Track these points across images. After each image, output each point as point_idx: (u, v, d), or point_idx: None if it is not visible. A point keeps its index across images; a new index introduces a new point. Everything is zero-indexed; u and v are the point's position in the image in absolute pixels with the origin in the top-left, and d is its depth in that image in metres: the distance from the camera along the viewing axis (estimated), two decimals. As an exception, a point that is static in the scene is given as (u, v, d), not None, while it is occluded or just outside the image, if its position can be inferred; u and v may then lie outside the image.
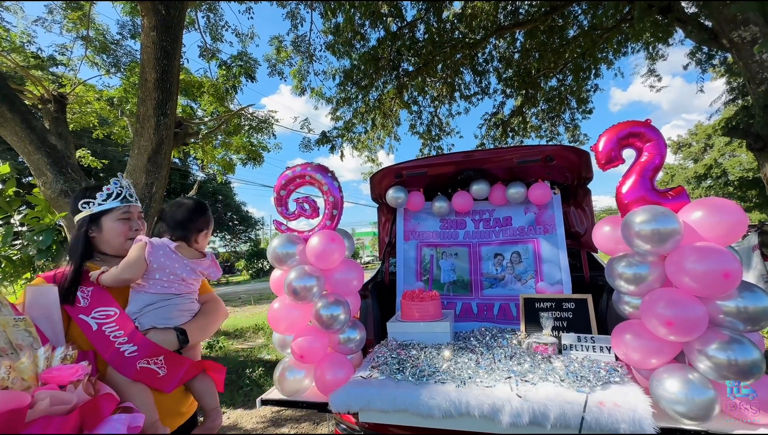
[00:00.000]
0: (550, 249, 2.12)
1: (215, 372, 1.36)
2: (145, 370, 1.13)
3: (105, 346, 1.12)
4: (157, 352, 1.17)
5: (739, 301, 1.15)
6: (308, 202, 1.71)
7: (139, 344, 1.14)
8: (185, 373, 1.23)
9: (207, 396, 1.36)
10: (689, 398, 1.13)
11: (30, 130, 4.09)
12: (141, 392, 1.14)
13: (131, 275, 1.23)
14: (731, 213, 1.18)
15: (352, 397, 1.39)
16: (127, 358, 1.12)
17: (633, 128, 1.39)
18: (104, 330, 1.14)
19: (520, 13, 8.27)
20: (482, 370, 1.42)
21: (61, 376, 0.89)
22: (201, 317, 1.36)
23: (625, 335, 1.34)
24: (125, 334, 1.15)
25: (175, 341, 1.23)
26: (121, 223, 1.31)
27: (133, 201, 1.36)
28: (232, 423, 3.42)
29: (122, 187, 1.34)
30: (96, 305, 1.17)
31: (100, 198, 1.29)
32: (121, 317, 1.18)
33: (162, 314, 1.25)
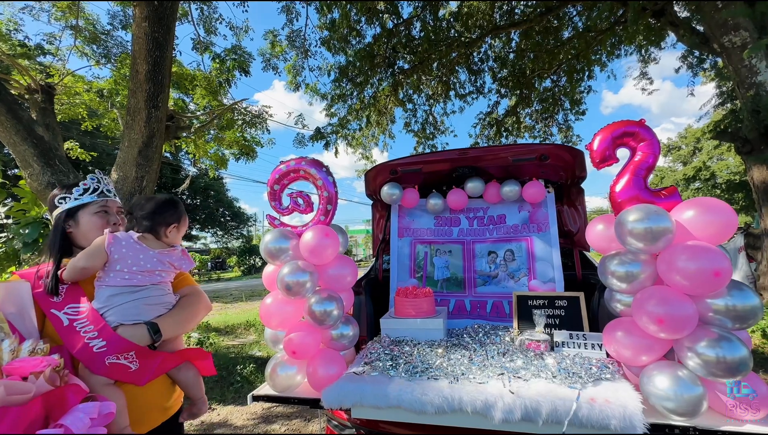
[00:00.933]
0: (544, 247, 2.13)
1: (200, 359, 1.33)
2: (114, 365, 1.11)
3: (74, 341, 1.11)
4: (127, 347, 1.14)
5: (728, 299, 1.17)
6: (302, 197, 1.69)
7: (108, 339, 1.12)
8: (159, 365, 1.20)
9: (192, 387, 1.35)
10: (678, 395, 1.14)
11: (16, 120, 4.00)
12: (112, 396, 1.10)
13: (86, 264, 1.19)
14: (722, 213, 1.19)
15: (345, 393, 1.39)
16: (96, 353, 1.10)
17: (627, 128, 1.40)
18: (75, 326, 1.13)
19: (516, 13, 8.31)
20: (475, 367, 1.42)
21: (23, 367, 0.88)
22: (177, 311, 1.32)
23: (616, 332, 1.35)
24: (95, 329, 1.13)
25: (146, 336, 1.18)
26: (98, 217, 1.31)
27: (111, 196, 1.36)
28: (223, 419, 3.40)
29: (99, 182, 1.34)
30: (69, 301, 1.17)
31: (77, 193, 1.29)
32: (91, 313, 1.16)
33: (130, 309, 1.21)
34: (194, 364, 1.34)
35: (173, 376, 1.32)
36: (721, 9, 5.10)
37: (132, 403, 1.17)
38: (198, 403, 1.37)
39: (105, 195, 1.33)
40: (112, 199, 1.36)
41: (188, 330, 1.43)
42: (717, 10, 5.20)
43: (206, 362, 1.35)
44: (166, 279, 1.34)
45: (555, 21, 8.12)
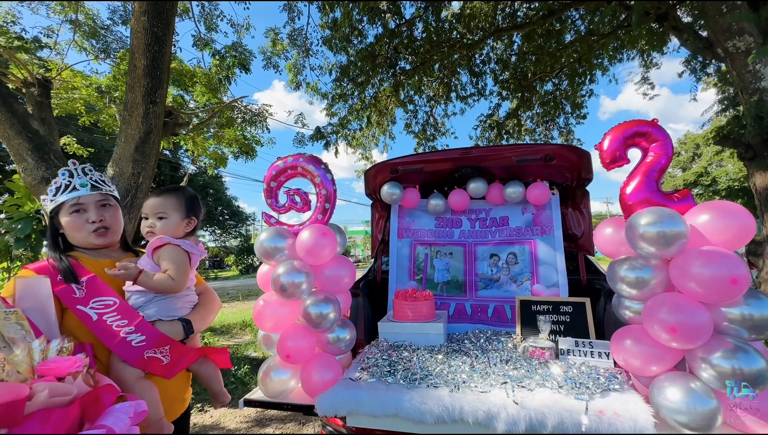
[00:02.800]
0: (547, 251, 2.07)
1: (217, 354, 1.36)
2: (151, 359, 1.14)
3: (110, 336, 1.11)
4: (165, 342, 1.18)
5: (744, 308, 1.11)
6: (299, 195, 1.63)
7: (147, 334, 1.15)
8: (185, 359, 1.23)
9: (212, 381, 1.36)
10: (691, 407, 1.08)
11: (11, 113, 3.94)
12: (147, 389, 1.14)
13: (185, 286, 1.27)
14: (739, 217, 1.14)
15: (340, 400, 1.33)
16: (135, 347, 1.12)
17: (639, 127, 1.35)
18: (105, 320, 1.12)
19: (518, 15, 8.29)
20: (477, 374, 1.36)
21: (59, 367, 0.85)
22: (201, 308, 1.37)
23: (625, 341, 1.30)
24: (130, 323, 1.14)
25: (181, 332, 1.24)
26: (74, 217, 1.21)
27: (85, 190, 1.23)
28: (215, 422, 3.32)
29: (72, 176, 1.24)
30: (93, 295, 1.13)
31: (51, 194, 1.23)
32: (121, 307, 1.16)
33: (168, 306, 1.25)
34: (212, 358, 1.36)
35: (194, 371, 1.34)
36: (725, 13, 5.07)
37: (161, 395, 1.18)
38: (219, 395, 1.39)
39: (76, 190, 1.22)
40: (86, 193, 1.23)
41: (207, 326, 1.45)
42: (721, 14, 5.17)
43: (223, 356, 1.38)
44: (193, 279, 1.38)
45: (557, 24, 8.09)
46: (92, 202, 1.24)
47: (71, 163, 1.27)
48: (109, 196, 1.31)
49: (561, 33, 8.36)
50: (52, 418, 0.77)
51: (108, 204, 1.29)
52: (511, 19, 8.35)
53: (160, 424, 1.15)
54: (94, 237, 1.23)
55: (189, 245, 1.31)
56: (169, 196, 1.34)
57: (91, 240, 1.23)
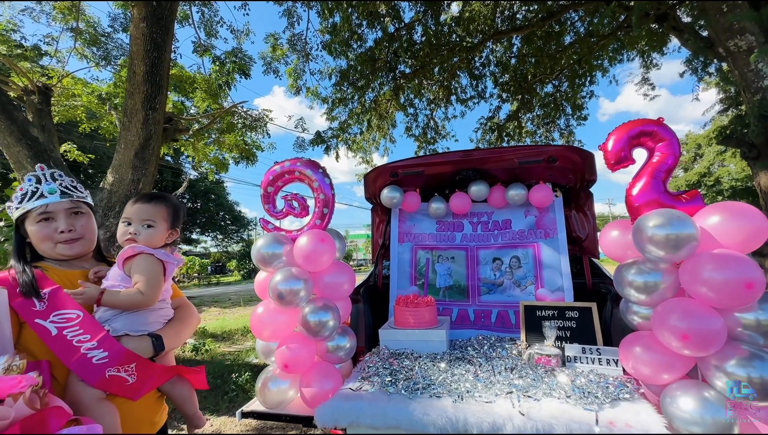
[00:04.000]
0: (551, 254, 2.03)
1: (193, 374, 1.26)
2: (114, 377, 1.04)
3: (68, 353, 1.01)
4: (130, 359, 1.07)
5: (759, 313, 1.06)
6: (297, 200, 1.60)
7: (110, 350, 1.05)
8: (154, 379, 1.13)
9: (186, 403, 1.26)
10: (705, 418, 1.04)
11: (10, 121, 3.94)
12: (107, 413, 1.03)
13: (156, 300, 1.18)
14: (752, 218, 1.09)
15: (340, 412, 1.28)
16: (96, 365, 1.02)
17: (645, 127, 1.31)
18: (66, 335, 1.03)
19: (518, 18, 8.29)
20: (481, 384, 1.32)
21: (0, 388, 0.77)
22: (176, 323, 1.27)
23: (634, 348, 1.25)
24: (93, 338, 1.05)
25: (150, 348, 1.14)
26: (41, 225, 1.13)
27: (54, 198, 1.14)
28: (215, 431, 3.27)
29: (39, 181, 1.15)
30: (54, 308, 1.04)
31: (16, 201, 1.14)
32: (85, 320, 1.06)
33: (137, 320, 1.15)
34: (186, 377, 1.27)
35: (167, 392, 1.25)
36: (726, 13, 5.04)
37: (123, 418, 1.08)
38: (193, 419, 1.29)
39: (45, 196, 1.13)
40: (55, 200, 1.14)
41: (182, 343, 1.36)
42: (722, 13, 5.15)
43: (199, 376, 1.28)
44: (168, 291, 1.30)
45: (557, 26, 8.09)
46: (62, 211, 1.16)
47: (38, 167, 1.18)
48: (81, 204, 1.22)
49: (560, 35, 8.35)
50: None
51: (79, 211, 1.21)
52: (510, 21, 8.35)
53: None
54: (64, 247, 1.16)
55: (164, 254, 1.22)
56: (159, 203, 1.27)
57: (60, 251, 1.16)
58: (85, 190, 1.27)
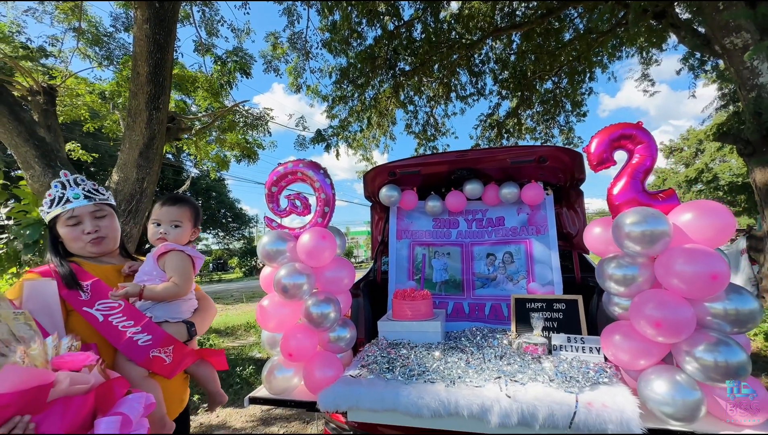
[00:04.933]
0: (542, 250, 2.12)
1: (214, 356, 1.41)
2: (156, 358, 1.19)
3: (116, 336, 1.17)
4: (170, 342, 1.23)
5: (726, 303, 1.16)
6: (300, 199, 1.69)
7: (153, 334, 1.20)
8: (185, 360, 1.29)
9: (209, 381, 1.43)
10: (676, 399, 1.13)
11: (18, 122, 4.02)
12: (152, 387, 1.19)
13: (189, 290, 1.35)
14: (720, 215, 1.18)
15: (341, 396, 1.38)
16: (141, 346, 1.18)
17: (625, 130, 1.40)
18: (111, 321, 1.18)
19: (517, 15, 8.31)
20: (472, 370, 1.42)
21: (74, 361, 0.92)
22: (200, 313, 1.44)
23: (614, 336, 1.35)
24: (137, 324, 1.20)
25: (185, 333, 1.31)
26: (70, 229, 1.25)
27: (79, 202, 1.25)
28: (222, 421, 3.39)
29: (64, 187, 1.26)
30: (98, 298, 1.19)
31: (46, 206, 1.25)
32: (126, 308, 1.21)
33: (174, 308, 1.32)
34: (209, 360, 1.41)
35: (192, 372, 1.40)
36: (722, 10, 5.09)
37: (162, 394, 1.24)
38: (216, 396, 1.45)
39: (70, 202, 1.24)
40: (80, 204, 1.25)
41: (205, 331, 1.51)
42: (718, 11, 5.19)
43: (220, 358, 1.43)
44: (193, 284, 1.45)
45: (556, 23, 8.11)
46: (87, 213, 1.26)
47: (62, 174, 1.28)
48: (104, 205, 1.32)
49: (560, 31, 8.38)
50: (72, 406, 0.84)
51: (103, 213, 1.31)
52: (509, 18, 8.37)
53: (163, 422, 1.20)
54: (92, 247, 1.27)
55: (192, 251, 1.38)
56: (184, 206, 1.44)
57: (89, 249, 1.27)
58: (107, 192, 1.38)
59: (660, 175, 35.35)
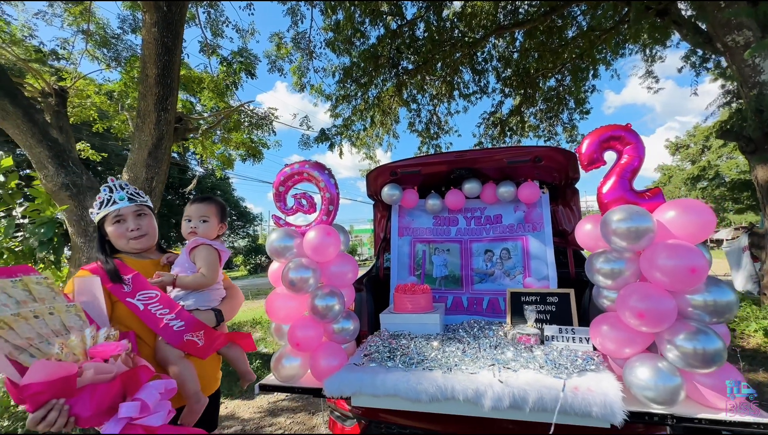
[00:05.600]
0: (538, 246, 2.20)
1: (243, 339, 1.56)
2: (189, 341, 1.34)
3: (155, 322, 1.31)
4: (200, 327, 1.38)
5: (706, 295, 1.23)
6: (306, 198, 1.78)
7: (186, 321, 1.35)
8: (217, 343, 1.43)
9: (239, 362, 1.60)
10: (658, 384, 1.21)
11: (32, 123, 4.15)
12: (188, 367, 1.35)
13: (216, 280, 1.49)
14: (700, 213, 1.26)
15: (345, 383, 1.47)
16: (176, 331, 1.32)
17: (614, 132, 1.47)
18: (150, 309, 1.32)
19: (520, 13, 8.32)
20: (468, 358, 1.50)
21: (105, 351, 1.04)
22: (228, 301, 1.60)
23: (602, 327, 1.43)
24: (171, 312, 1.34)
25: (213, 319, 1.46)
26: (116, 226, 1.42)
27: (123, 203, 1.43)
28: (230, 413, 3.51)
29: (111, 191, 1.43)
30: (138, 289, 1.33)
31: (96, 208, 1.43)
32: (162, 298, 1.36)
33: (204, 298, 1.48)
34: (238, 343, 1.56)
35: (224, 354, 1.56)
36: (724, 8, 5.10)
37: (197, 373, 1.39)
38: (246, 375, 1.61)
39: (116, 203, 1.42)
40: (124, 205, 1.43)
41: (232, 317, 1.66)
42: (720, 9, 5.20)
43: (248, 341, 1.58)
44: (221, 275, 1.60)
45: (559, 20, 8.12)
46: (130, 213, 1.44)
47: (110, 180, 1.46)
48: (144, 207, 1.50)
49: (563, 29, 8.38)
50: (98, 391, 0.97)
51: (143, 213, 1.49)
52: (512, 16, 8.38)
53: (198, 396, 1.36)
54: (134, 243, 1.44)
55: (219, 244, 1.53)
56: (211, 203, 1.60)
57: (131, 245, 1.44)
58: (146, 196, 1.55)
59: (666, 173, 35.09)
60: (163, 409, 1.07)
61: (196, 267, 1.46)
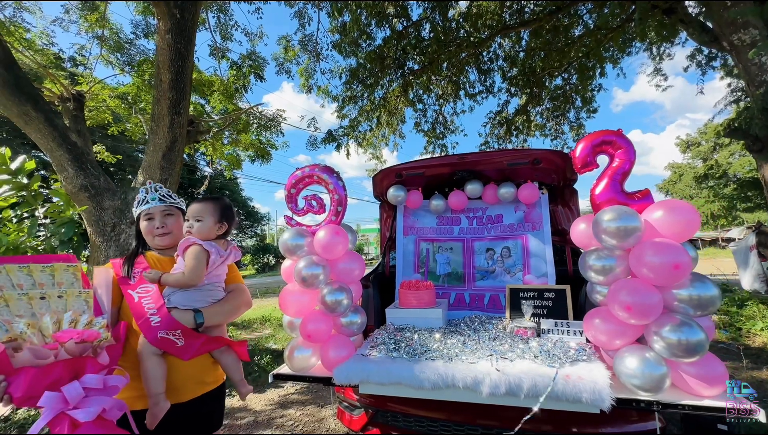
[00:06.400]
0: (538, 244, 2.29)
1: (236, 346, 1.56)
2: (164, 339, 1.33)
3: (139, 315, 1.36)
4: (176, 326, 1.35)
5: (691, 289, 1.32)
6: (316, 200, 1.90)
7: (162, 317, 1.35)
8: (201, 345, 1.41)
9: (231, 370, 1.56)
10: (644, 373, 1.30)
11: (53, 127, 4.33)
12: (156, 365, 1.33)
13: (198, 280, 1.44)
14: (685, 213, 1.34)
15: (353, 372, 1.58)
16: (152, 326, 1.33)
17: (606, 137, 1.56)
18: (141, 302, 1.38)
19: (526, 12, 8.33)
20: (467, 349, 1.60)
21: (63, 336, 1.05)
22: (221, 303, 1.54)
23: (594, 320, 1.52)
24: (155, 307, 1.37)
25: (191, 320, 1.40)
26: (146, 223, 1.56)
27: (154, 203, 1.56)
28: (243, 405, 3.65)
29: (147, 192, 1.59)
30: (140, 283, 1.42)
31: (134, 206, 1.60)
32: (155, 293, 1.41)
33: (187, 297, 1.45)
34: (233, 349, 1.56)
35: (217, 358, 1.55)
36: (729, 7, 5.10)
37: (173, 373, 1.39)
38: (238, 385, 1.58)
39: (149, 203, 1.57)
40: (154, 205, 1.56)
41: (229, 320, 1.65)
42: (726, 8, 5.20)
43: (242, 349, 1.56)
44: (221, 276, 1.59)
45: (565, 19, 8.12)
46: (158, 212, 1.56)
47: (148, 183, 1.61)
48: (173, 208, 1.61)
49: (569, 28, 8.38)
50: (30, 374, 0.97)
51: (171, 213, 1.59)
52: (518, 15, 8.40)
53: (157, 398, 1.31)
54: (158, 239, 1.55)
55: (210, 245, 1.49)
56: (207, 203, 1.58)
57: (156, 242, 1.55)
58: (179, 198, 1.65)
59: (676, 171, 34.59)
60: (94, 405, 1.02)
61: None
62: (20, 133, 4.37)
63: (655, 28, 6.67)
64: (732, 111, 11.66)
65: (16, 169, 3.76)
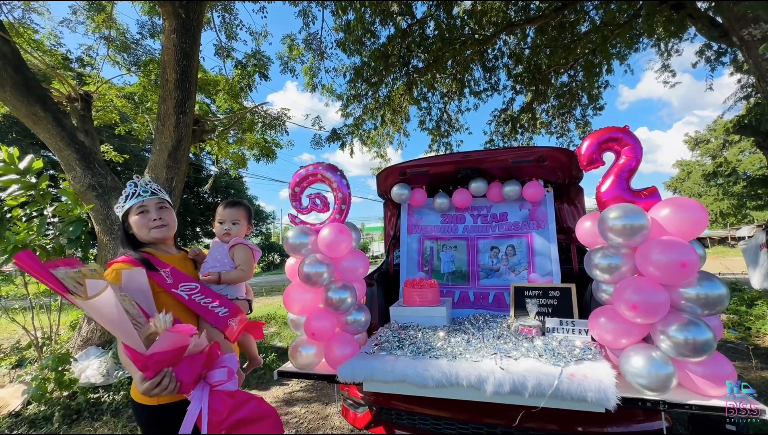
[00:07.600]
0: (543, 243, 2.28)
1: (255, 328, 1.67)
2: (230, 326, 1.47)
3: (203, 310, 1.45)
4: (239, 313, 1.52)
5: (698, 288, 1.30)
6: (320, 198, 1.90)
7: (230, 308, 1.49)
8: (242, 329, 1.55)
9: (250, 347, 1.74)
10: (651, 372, 1.29)
11: (61, 127, 4.39)
12: (231, 348, 1.52)
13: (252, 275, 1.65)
14: (692, 210, 1.33)
15: (357, 369, 1.59)
16: (221, 317, 1.46)
17: (612, 133, 1.54)
18: (194, 299, 1.45)
19: (531, 9, 8.25)
20: (472, 348, 1.60)
21: (184, 331, 1.16)
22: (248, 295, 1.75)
23: (600, 319, 1.50)
24: (215, 300, 1.48)
25: (247, 308, 1.65)
26: (139, 216, 1.52)
27: (147, 196, 1.53)
28: (248, 402, 3.68)
29: (136, 186, 1.55)
30: (179, 281, 1.46)
31: (121, 201, 1.54)
32: (203, 289, 1.49)
33: (238, 290, 1.63)
34: (250, 331, 1.67)
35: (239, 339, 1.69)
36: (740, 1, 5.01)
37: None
38: (254, 360, 1.75)
39: (141, 196, 1.52)
40: (148, 198, 1.52)
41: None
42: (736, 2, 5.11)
43: (259, 330, 1.69)
44: None
45: (571, 16, 8.03)
46: (153, 205, 1.53)
47: (135, 177, 1.58)
48: (165, 201, 1.60)
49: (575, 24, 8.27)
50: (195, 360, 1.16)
51: (164, 206, 1.59)
52: (523, 12, 8.32)
53: (240, 373, 1.53)
54: (156, 232, 1.52)
55: (253, 245, 1.69)
56: (241, 207, 1.74)
57: (153, 234, 1.52)
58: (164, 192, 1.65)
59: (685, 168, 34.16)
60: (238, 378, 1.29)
61: (234, 263, 1.60)
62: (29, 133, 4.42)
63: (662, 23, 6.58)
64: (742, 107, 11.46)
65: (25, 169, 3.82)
